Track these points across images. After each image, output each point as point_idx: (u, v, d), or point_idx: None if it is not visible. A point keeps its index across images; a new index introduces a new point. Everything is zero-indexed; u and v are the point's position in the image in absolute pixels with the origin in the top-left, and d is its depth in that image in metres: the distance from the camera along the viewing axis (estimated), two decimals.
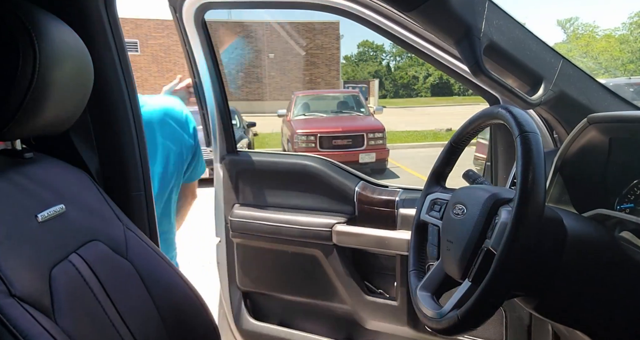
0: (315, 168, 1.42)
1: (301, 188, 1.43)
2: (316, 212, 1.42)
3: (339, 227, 1.35)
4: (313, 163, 1.43)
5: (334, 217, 1.38)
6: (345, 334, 1.45)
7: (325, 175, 1.41)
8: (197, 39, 1.39)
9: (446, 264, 0.75)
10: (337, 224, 1.36)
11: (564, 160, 0.87)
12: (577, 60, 3.94)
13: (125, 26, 1.29)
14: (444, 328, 0.66)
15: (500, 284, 0.59)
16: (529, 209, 0.58)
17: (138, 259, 0.83)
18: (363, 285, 1.39)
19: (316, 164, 1.43)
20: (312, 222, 1.39)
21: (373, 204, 1.34)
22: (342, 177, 1.41)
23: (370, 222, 1.34)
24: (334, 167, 1.44)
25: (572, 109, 0.89)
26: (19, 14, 0.61)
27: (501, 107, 0.70)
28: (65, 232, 0.71)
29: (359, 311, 1.38)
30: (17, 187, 0.67)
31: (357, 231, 1.34)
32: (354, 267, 1.40)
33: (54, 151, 0.86)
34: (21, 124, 0.65)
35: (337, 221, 1.37)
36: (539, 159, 0.60)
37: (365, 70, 40.82)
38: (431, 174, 0.87)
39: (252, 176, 1.49)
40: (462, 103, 20.73)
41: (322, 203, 1.42)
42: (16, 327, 0.53)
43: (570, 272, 0.66)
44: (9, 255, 0.58)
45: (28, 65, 0.61)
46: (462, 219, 0.71)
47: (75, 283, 0.68)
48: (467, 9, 0.79)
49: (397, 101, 29.87)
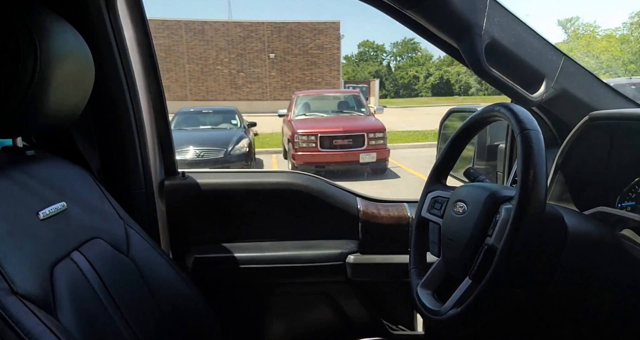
0: (302, 186, 1.15)
1: (289, 213, 1.16)
2: (313, 241, 1.16)
3: (353, 258, 1.12)
4: (299, 181, 1.16)
5: (339, 246, 1.13)
6: None
7: (317, 195, 1.15)
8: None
9: (447, 261, 0.75)
10: (349, 255, 1.13)
11: (565, 158, 0.86)
12: (578, 59, 3.93)
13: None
14: (445, 326, 0.66)
15: (501, 282, 0.59)
16: (530, 207, 0.58)
17: (139, 257, 0.83)
18: (385, 326, 1.18)
19: (303, 181, 1.16)
20: (316, 256, 1.13)
21: (383, 223, 1.13)
22: (338, 194, 1.17)
23: (380, 245, 1.13)
24: (324, 184, 1.18)
25: (573, 107, 0.89)
26: (20, 11, 0.61)
27: (502, 105, 0.70)
28: (67, 230, 0.72)
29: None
30: (18, 185, 0.67)
31: (375, 260, 1.11)
32: (372, 303, 1.18)
33: (55, 149, 0.86)
34: (22, 121, 0.65)
35: (349, 250, 1.13)
36: (540, 157, 0.60)
37: (365, 70, 40.84)
38: (432, 172, 0.87)
39: (211, 204, 1.16)
40: (463, 103, 20.71)
41: (319, 229, 1.16)
42: (18, 325, 0.53)
43: (570, 270, 0.66)
44: (10, 253, 0.58)
45: (29, 62, 0.61)
46: (463, 216, 0.71)
47: (76, 280, 0.68)
48: (468, 6, 0.79)
49: (398, 101, 29.89)
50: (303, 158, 6.12)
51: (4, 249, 0.57)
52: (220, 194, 1.17)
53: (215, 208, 1.17)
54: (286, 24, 20.05)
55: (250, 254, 1.15)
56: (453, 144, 0.84)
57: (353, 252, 1.14)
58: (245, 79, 19.99)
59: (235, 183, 1.18)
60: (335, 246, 1.15)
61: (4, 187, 0.64)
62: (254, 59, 19.96)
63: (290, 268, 1.13)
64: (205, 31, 19.41)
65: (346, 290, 1.16)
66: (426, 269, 0.82)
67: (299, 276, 1.14)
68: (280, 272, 1.14)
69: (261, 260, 1.14)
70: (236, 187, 1.17)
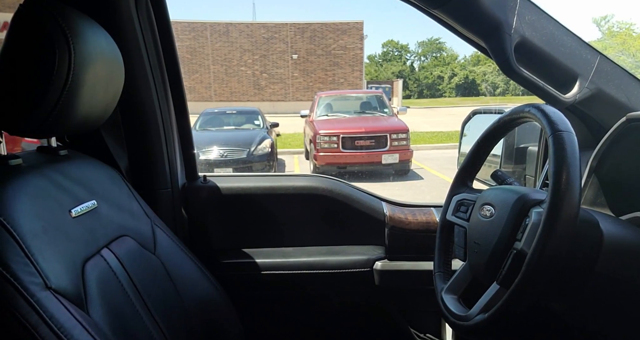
0: (327, 191, 1.14)
1: (313, 217, 1.15)
2: (338, 247, 1.15)
3: (380, 265, 1.10)
4: (324, 185, 1.15)
5: (366, 252, 1.12)
6: None
7: (342, 199, 1.13)
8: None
9: (473, 266, 0.73)
10: (377, 262, 1.10)
11: (600, 160, 0.83)
12: (614, 57, 3.75)
13: None
14: (471, 331, 0.65)
15: (531, 288, 0.57)
16: (562, 211, 0.56)
17: (165, 255, 0.85)
18: (410, 333, 1.16)
19: (327, 185, 1.15)
20: (342, 262, 1.10)
21: (411, 228, 1.11)
22: (364, 199, 1.15)
23: (408, 251, 1.11)
24: (349, 188, 1.17)
25: (609, 108, 0.86)
26: (55, 15, 0.63)
27: (532, 106, 0.68)
28: (97, 228, 0.74)
29: None
30: (52, 183, 0.70)
31: (404, 267, 1.09)
32: (399, 312, 1.16)
33: (86, 149, 0.89)
34: (56, 122, 0.67)
35: (376, 257, 1.11)
36: (573, 159, 0.58)
37: (389, 70, 40.51)
38: (457, 174, 0.85)
39: (233, 209, 1.15)
40: (489, 103, 20.26)
41: (345, 234, 1.15)
42: (52, 319, 0.55)
43: (605, 278, 0.63)
44: (45, 249, 0.60)
45: (63, 65, 0.63)
46: (491, 220, 0.69)
47: (106, 277, 0.70)
48: (498, 5, 0.77)
49: (422, 101, 29.51)
50: (325, 159, 6.12)
51: (39, 245, 0.59)
52: (243, 198, 1.15)
53: (237, 212, 1.16)
54: (309, 25, 20.13)
55: (273, 259, 1.12)
56: (480, 145, 0.82)
57: (380, 259, 1.11)
58: (269, 80, 20.18)
59: (258, 187, 1.16)
60: (361, 252, 1.13)
61: (40, 186, 0.67)
62: (277, 60, 20.13)
63: (315, 274, 1.10)
64: (229, 33, 19.72)
65: (373, 297, 1.13)
66: (451, 273, 0.81)
67: (325, 283, 1.11)
68: (305, 279, 1.11)
69: (285, 266, 1.11)
70: (258, 191, 1.16)
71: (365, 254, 1.12)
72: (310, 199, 1.14)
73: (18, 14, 0.63)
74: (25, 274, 0.56)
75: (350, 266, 1.11)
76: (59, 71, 0.63)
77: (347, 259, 1.11)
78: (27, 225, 0.59)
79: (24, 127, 0.66)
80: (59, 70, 0.63)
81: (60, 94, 0.64)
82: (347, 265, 1.11)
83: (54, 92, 0.63)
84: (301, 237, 1.16)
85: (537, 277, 0.57)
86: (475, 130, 1.72)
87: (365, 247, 1.14)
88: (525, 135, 1.30)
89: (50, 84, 0.63)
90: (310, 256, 1.12)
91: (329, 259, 1.11)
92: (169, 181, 1.09)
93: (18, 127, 0.66)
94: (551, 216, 0.56)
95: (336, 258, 1.12)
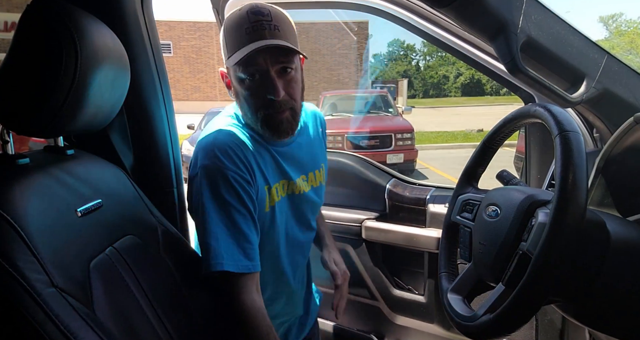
0: (348, 165, 1.45)
1: (334, 185, 1.43)
2: (347, 208, 1.44)
3: (368, 223, 1.38)
4: (347, 160, 1.46)
5: (364, 213, 1.40)
6: (373, 328, 1.46)
7: (358, 172, 1.44)
8: None
9: (478, 266, 0.73)
10: (366, 220, 1.39)
11: (607, 160, 0.82)
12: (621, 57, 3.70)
13: (159, 28, 1.33)
14: (476, 332, 0.64)
15: (537, 289, 0.57)
16: (568, 211, 0.55)
17: (170, 253, 0.85)
18: (392, 280, 1.41)
19: (350, 161, 1.46)
20: (343, 218, 1.41)
21: (403, 201, 1.37)
22: (375, 174, 1.44)
23: (400, 219, 1.37)
24: (366, 164, 1.47)
25: (617, 108, 0.85)
26: (62, 15, 0.64)
27: (538, 105, 0.67)
28: (103, 227, 0.74)
29: (387, 306, 1.41)
30: (59, 183, 0.70)
31: (386, 227, 1.36)
32: (383, 262, 1.42)
33: (92, 148, 0.90)
34: (63, 122, 0.67)
35: (367, 217, 1.39)
36: (580, 159, 0.57)
37: (394, 70, 40.38)
38: (463, 174, 0.85)
39: None
40: (495, 103, 20.16)
41: (354, 199, 1.45)
42: (58, 317, 0.55)
43: (613, 279, 0.63)
44: (52, 248, 0.60)
45: (70, 65, 0.63)
46: (496, 220, 0.69)
47: (111, 275, 0.70)
48: (504, 4, 0.76)
49: (427, 101, 29.40)
50: None
51: (45, 243, 0.59)
52: None
53: None
54: (314, 25, 20.12)
55: None
56: (485, 145, 0.82)
57: (370, 219, 1.39)
58: None
59: None
60: (359, 213, 1.41)
61: (47, 185, 0.67)
62: None
63: None
64: None
65: (361, 248, 1.40)
66: (456, 274, 0.80)
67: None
68: None
69: None
70: None
71: (361, 214, 1.40)
72: (334, 170, 1.36)
73: (25, 15, 0.63)
74: (32, 272, 0.56)
75: (345, 221, 1.40)
76: (66, 71, 0.63)
77: (342, 216, 1.41)
78: (34, 223, 0.59)
79: (31, 127, 0.66)
80: (65, 70, 0.63)
81: (67, 94, 0.64)
82: (343, 219, 1.40)
83: (61, 92, 0.64)
84: None
85: (543, 278, 0.56)
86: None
87: (362, 210, 1.41)
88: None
89: (57, 84, 0.63)
90: (323, 209, 1.29)
91: (332, 214, 1.41)
92: (175, 180, 1.09)
93: (25, 126, 0.66)
94: (557, 217, 0.56)
95: (337, 214, 1.42)
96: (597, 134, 1.01)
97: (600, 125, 0.92)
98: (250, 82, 0.82)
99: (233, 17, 0.83)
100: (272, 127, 0.85)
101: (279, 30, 0.81)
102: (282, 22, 0.82)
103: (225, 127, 0.87)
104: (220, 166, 0.80)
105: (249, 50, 0.78)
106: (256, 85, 0.82)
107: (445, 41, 1.13)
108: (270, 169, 0.89)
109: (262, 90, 0.82)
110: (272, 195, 0.88)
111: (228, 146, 0.82)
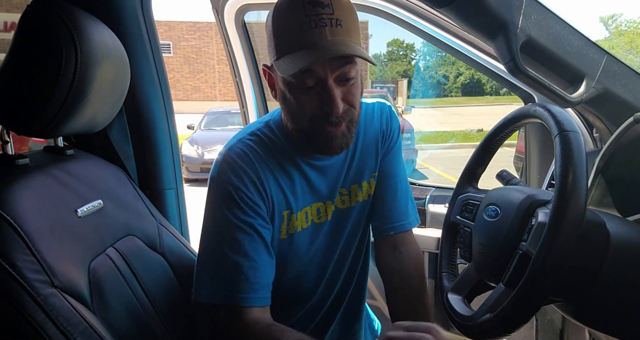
0: None
1: None
2: None
3: None
4: None
5: None
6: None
7: None
8: (237, 39, 1.40)
9: (478, 267, 0.73)
10: None
11: (607, 160, 0.82)
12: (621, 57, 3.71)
13: (159, 28, 1.33)
14: (476, 332, 0.64)
15: (537, 289, 0.57)
16: (568, 211, 0.55)
17: (170, 254, 0.85)
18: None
19: None
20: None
21: None
22: None
23: None
24: None
25: (616, 107, 0.85)
26: (62, 15, 0.64)
27: (538, 105, 0.67)
28: (103, 227, 0.74)
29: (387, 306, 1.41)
30: (59, 183, 0.70)
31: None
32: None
33: (92, 148, 0.89)
34: (63, 122, 0.67)
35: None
36: (580, 159, 0.57)
37: (394, 70, 40.38)
38: (463, 174, 0.85)
39: None
40: (494, 103, 20.16)
41: None
42: (58, 317, 0.55)
43: (613, 279, 0.63)
44: (52, 248, 0.60)
45: (70, 65, 0.63)
46: (496, 220, 0.69)
47: (112, 275, 0.70)
48: (503, 4, 0.76)
49: (427, 101, 29.39)
50: None
51: (45, 243, 0.59)
52: None
53: None
54: None
55: None
56: (485, 145, 0.82)
57: None
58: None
59: None
60: None
61: (47, 185, 0.67)
62: None
63: None
64: None
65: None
66: (456, 274, 0.80)
67: None
68: None
69: None
70: None
71: None
72: None
73: (25, 15, 0.63)
74: (32, 272, 0.56)
75: None
76: (66, 71, 0.63)
77: None
78: (33, 224, 0.59)
79: (31, 127, 0.66)
80: (65, 71, 0.63)
81: (67, 94, 0.64)
82: None
83: (60, 92, 0.64)
84: None
85: (542, 278, 0.56)
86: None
87: None
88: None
89: (57, 84, 0.63)
90: None
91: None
92: (175, 181, 1.09)
93: (25, 127, 0.66)
94: (557, 217, 0.56)
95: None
96: (597, 134, 1.01)
97: (600, 125, 0.92)
98: (303, 89, 0.68)
99: (284, 4, 0.67)
100: (321, 144, 0.72)
101: (342, 25, 0.65)
102: (344, 12, 0.66)
103: (247, 139, 0.76)
104: (226, 181, 0.71)
105: (306, 63, 0.63)
106: (309, 94, 0.68)
107: (445, 41, 1.13)
108: (299, 192, 0.78)
109: (316, 100, 0.68)
110: (292, 221, 0.77)
111: (239, 163, 0.72)
